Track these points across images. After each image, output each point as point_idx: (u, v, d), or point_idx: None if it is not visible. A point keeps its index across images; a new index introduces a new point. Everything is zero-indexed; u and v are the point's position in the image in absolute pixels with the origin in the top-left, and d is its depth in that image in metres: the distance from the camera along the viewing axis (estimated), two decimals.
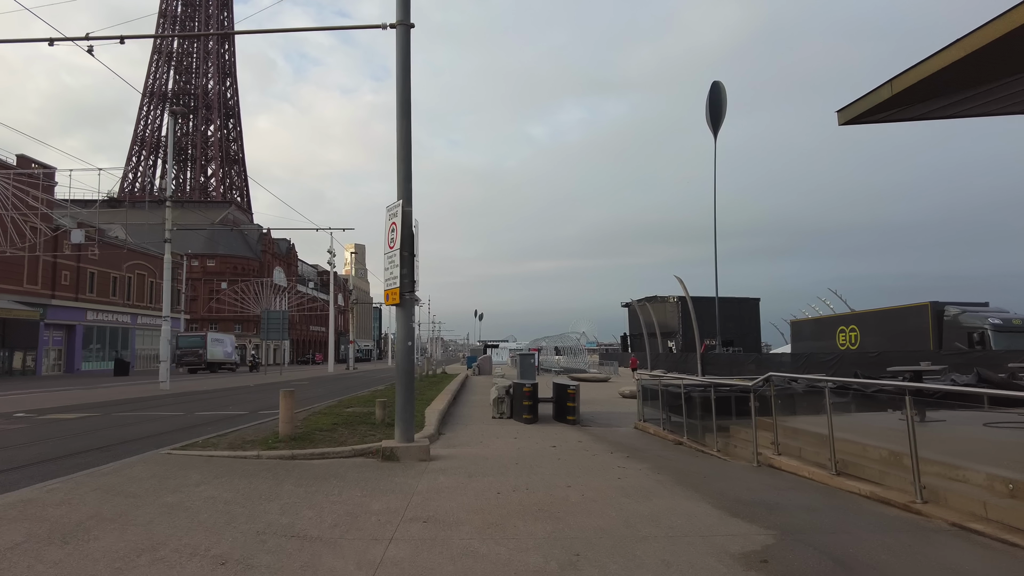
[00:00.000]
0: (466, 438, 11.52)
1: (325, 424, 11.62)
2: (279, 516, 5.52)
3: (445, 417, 14.83)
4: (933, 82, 7.83)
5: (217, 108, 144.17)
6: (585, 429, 13.58)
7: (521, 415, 14.56)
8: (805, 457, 8.40)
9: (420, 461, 8.60)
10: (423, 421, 12.42)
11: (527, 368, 20.52)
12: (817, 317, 42.78)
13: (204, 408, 17.47)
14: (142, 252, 64.75)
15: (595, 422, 15.25)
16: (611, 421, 15.56)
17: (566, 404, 14.58)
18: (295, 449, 8.91)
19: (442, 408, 14.89)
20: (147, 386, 28.15)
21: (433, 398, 17.60)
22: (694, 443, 10.96)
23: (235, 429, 11.39)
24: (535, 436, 11.91)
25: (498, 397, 15.50)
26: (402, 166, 9.32)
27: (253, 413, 15.44)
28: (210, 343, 52.65)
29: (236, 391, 26.08)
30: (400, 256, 9.02)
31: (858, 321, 33.68)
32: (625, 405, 20.02)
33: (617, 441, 11.53)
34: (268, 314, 44.48)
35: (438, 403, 16.02)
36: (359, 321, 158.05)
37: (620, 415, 16.96)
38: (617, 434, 12.86)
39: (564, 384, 15.01)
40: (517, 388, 15.11)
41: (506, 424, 14.02)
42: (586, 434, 12.54)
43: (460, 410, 17.10)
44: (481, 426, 13.57)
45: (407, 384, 9.07)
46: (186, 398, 21.53)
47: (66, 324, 52.86)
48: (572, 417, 14.41)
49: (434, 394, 19.11)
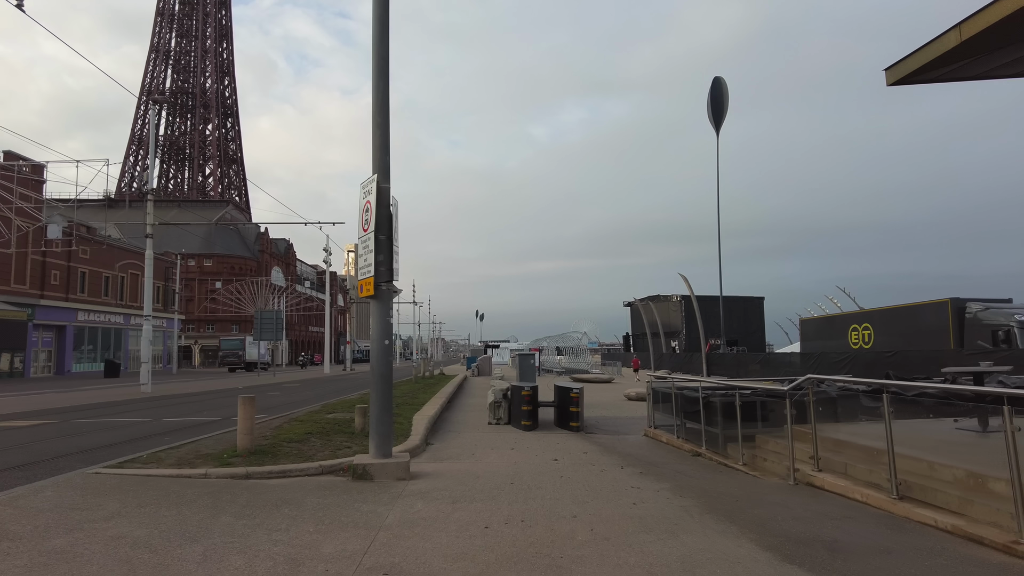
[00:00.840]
0: (457, 449, 10.20)
1: (297, 433, 10.31)
2: (196, 567, 4.20)
3: (436, 424, 13.52)
4: (1009, 26, 6.51)
5: (215, 107, 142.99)
6: (590, 437, 12.26)
7: (520, 421, 13.25)
8: (853, 475, 7.07)
9: (397, 481, 7.29)
10: (409, 429, 11.11)
11: (527, 369, 19.16)
12: (828, 315, 41.41)
13: (176, 413, 16.16)
14: (135, 251, 63.43)
15: (600, 429, 13.93)
16: (618, 428, 14.24)
17: (569, 409, 13.27)
18: (252, 466, 7.60)
19: (433, 414, 13.57)
20: (129, 389, 26.88)
21: (425, 402, 16.28)
22: (714, 455, 9.64)
23: (194, 440, 10.08)
24: (535, 446, 10.59)
25: (495, 401, 14.19)
26: (378, 133, 8.00)
27: (226, 419, 14.14)
28: (248, 345, 57.29)
29: (222, 393, 24.78)
30: (375, 240, 7.70)
31: (872, 319, 32.30)
32: (632, 409, 18.70)
33: (627, 452, 10.21)
34: (261, 314, 43.16)
35: (430, 408, 14.70)
36: (360, 322, 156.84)
37: (627, 420, 15.64)
38: (626, 444, 11.53)
39: (567, 387, 13.70)
40: (515, 392, 13.79)
41: (503, 432, 12.71)
42: (591, 443, 11.22)
43: (454, 415, 15.78)
44: (475, 434, 12.26)
45: (384, 390, 7.75)
46: (163, 402, 20.23)
47: (56, 325, 51.60)
48: (576, 424, 13.10)
49: (427, 397, 17.80)
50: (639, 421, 15.41)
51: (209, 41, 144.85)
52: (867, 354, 31.61)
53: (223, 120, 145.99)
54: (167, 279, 68.04)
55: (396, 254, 7.88)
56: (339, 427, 11.08)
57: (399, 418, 12.61)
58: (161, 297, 67.12)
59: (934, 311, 28.02)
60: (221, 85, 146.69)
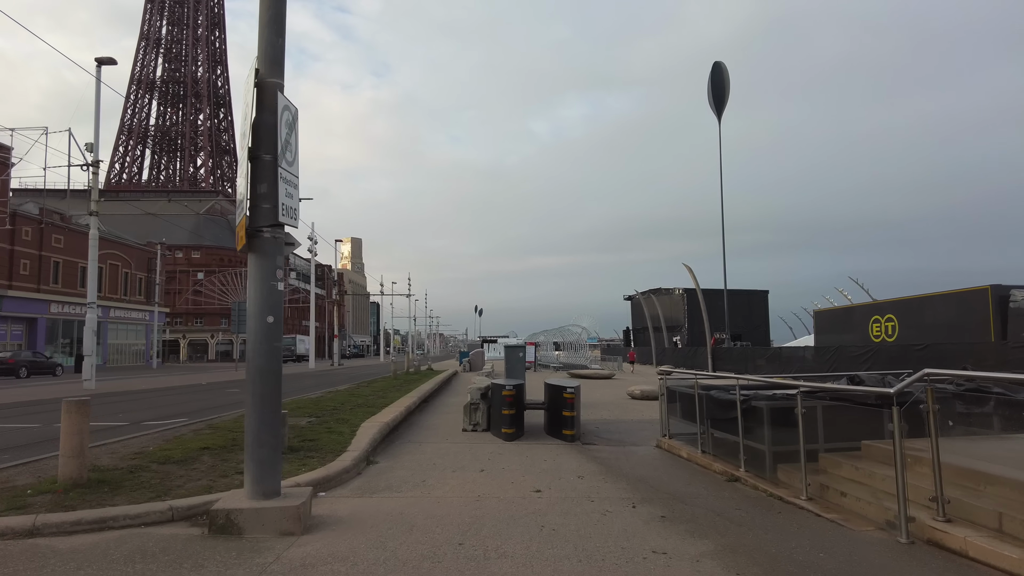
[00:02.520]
0: (406, 471, 7.48)
1: (190, 449, 7.58)
2: None
3: (397, 431, 10.79)
4: None
5: (207, 97, 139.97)
6: (588, 450, 9.53)
7: (499, 428, 10.53)
8: (1012, 531, 4.36)
9: (281, 537, 4.57)
10: (347, 443, 8.37)
11: (515, 364, 16.36)
12: (845, 306, 38.67)
13: None
14: (116, 241, 60.77)
15: (601, 437, 11.21)
16: (623, 435, 11.52)
17: (562, 413, 10.52)
18: (56, 510, 4.86)
19: (392, 419, 10.81)
20: (73, 386, 24.16)
21: (390, 403, 13.54)
22: (759, 480, 6.92)
23: (28, 461, 7.30)
24: (513, 466, 7.87)
25: (471, 403, 11.46)
26: (268, 5, 5.22)
27: (135, 424, 11.42)
28: (298, 342, 64.98)
29: (176, 391, 22.10)
30: (252, 162, 4.96)
31: (896, 309, 29.57)
32: (637, 410, 16.00)
33: (638, 476, 7.47)
34: (239, 305, 40.39)
35: (392, 411, 11.95)
36: (356, 316, 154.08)
37: (633, 426, 12.93)
38: (635, 460, 8.80)
39: (559, 385, 10.95)
40: (496, 391, 11.06)
41: (478, 442, 9.99)
42: (590, 460, 8.49)
43: (425, 419, 13.05)
44: (441, 446, 9.53)
45: (266, 393, 5.01)
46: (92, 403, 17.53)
47: (26, 317, 48.88)
48: (570, 431, 10.36)
49: (395, 397, 15.05)
50: (648, 427, 12.71)
51: (201, 29, 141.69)
52: (891, 348, 28.93)
53: (215, 110, 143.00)
54: (150, 270, 65.29)
55: (291, 185, 5.13)
56: None
57: (344, 426, 9.89)
58: (143, 289, 64.44)
59: (971, 300, 25.31)
60: (213, 74, 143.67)
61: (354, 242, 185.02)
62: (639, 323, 75.68)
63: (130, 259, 62.69)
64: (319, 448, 7.97)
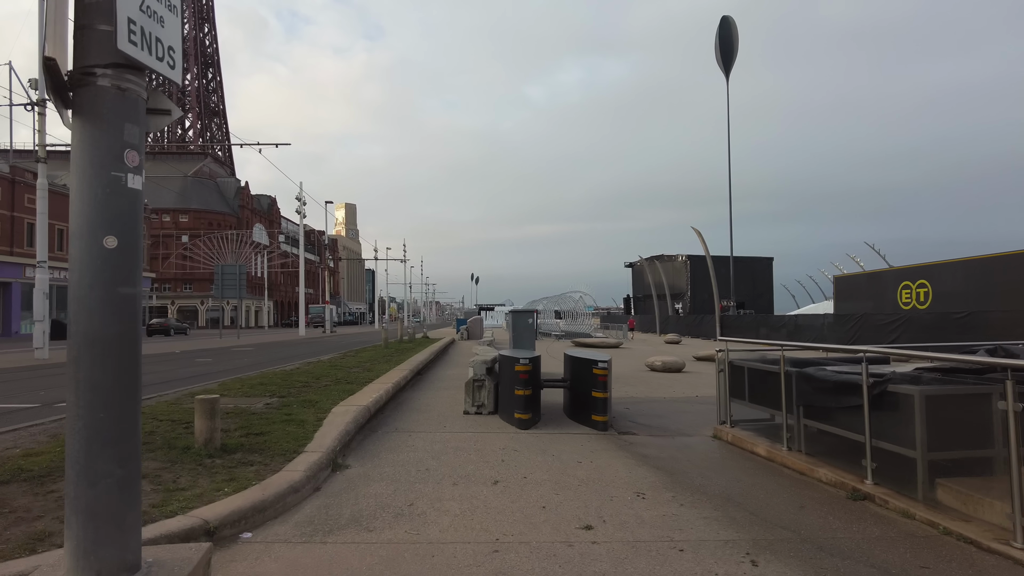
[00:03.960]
0: (387, 485, 5.19)
1: (46, 462, 5.24)
2: None
3: (381, 415, 8.52)
4: None
5: (194, 56, 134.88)
6: (629, 444, 7.27)
7: (512, 412, 8.27)
8: None
9: None
10: (306, 436, 6.08)
11: (523, 333, 13.90)
12: (870, 271, 36.38)
13: None
14: None
15: (637, 422, 8.96)
16: (662, 420, 9.26)
17: (590, 394, 8.24)
18: None
19: (374, 400, 8.49)
20: (27, 355, 21.86)
21: (375, 378, 11.24)
22: (908, 501, 4.67)
23: None
24: (538, 472, 5.61)
25: (475, 380, 9.18)
26: None
27: (47, 406, 9.11)
28: (327, 311, 67.40)
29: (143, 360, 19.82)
30: None
31: (930, 274, 27.29)
32: (664, 385, 13.80)
33: (722, 493, 5.20)
34: (222, 268, 37.96)
35: (375, 388, 9.64)
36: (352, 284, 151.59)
37: (669, 406, 10.70)
38: (699, 461, 6.53)
39: (586, 359, 8.63)
40: (506, 365, 8.77)
41: (484, 429, 7.73)
42: (640, 462, 6.23)
43: (417, 398, 10.79)
44: (438, 437, 7.27)
45: (106, 387, 2.64)
46: (30, 374, 15.23)
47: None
48: (601, 417, 8.10)
49: (383, 370, 12.75)
50: (687, 407, 10.52)
51: None
52: (924, 315, 26.68)
53: (203, 70, 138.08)
54: None
55: None
56: (167, 437, 6.02)
57: (309, 411, 7.58)
58: None
59: (1020, 263, 23.05)
60: (200, 32, 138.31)
61: (348, 208, 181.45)
62: (640, 291, 73.53)
63: None
64: (265, 447, 5.68)
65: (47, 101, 20.09)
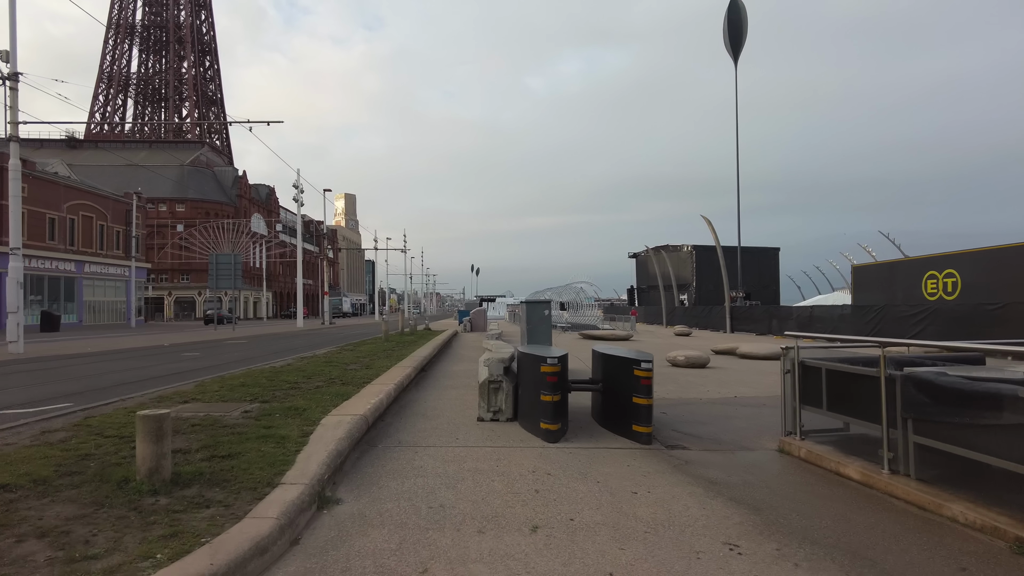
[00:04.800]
0: (390, 534, 3.86)
1: None
2: None
3: (382, 420, 7.20)
4: None
5: (191, 43, 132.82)
6: (687, 464, 5.95)
7: (536, 420, 6.95)
8: None
9: None
10: (284, 460, 4.75)
11: (538, 326, 12.36)
12: (892, 261, 34.99)
13: None
14: (88, 191, 56.43)
15: (680, 431, 7.65)
16: (709, 427, 7.94)
17: (630, 400, 6.90)
18: None
19: (372, 407, 7.15)
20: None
21: (375, 376, 9.90)
22: None
23: None
24: (586, 510, 4.29)
25: (491, 381, 7.85)
26: None
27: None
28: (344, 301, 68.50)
29: (128, 354, 18.51)
30: None
31: (959, 264, 25.91)
32: (696, 384, 12.49)
33: (839, 543, 3.86)
34: (216, 258, 36.58)
35: (374, 392, 8.30)
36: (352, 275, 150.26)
37: (709, 409, 9.40)
38: (781, 488, 5.20)
39: (623, 357, 7.29)
40: (527, 364, 7.44)
41: (505, 442, 6.42)
42: (711, 492, 4.91)
43: (422, 400, 9.47)
44: (450, 454, 5.95)
45: None
46: None
47: None
48: (644, 427, 6.78)
49: (384, 367, 11.42)
50: (723, 409, 9.28)
51: None
52: (952, 307, 25.30)
53: (200, 58, 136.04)
54: (127, 223, 60.92)
55: None
56: (105, 463, 4.69)
57: (294, 421, 6.25)
58: (121, 243, 60.26)
59: None
60: (197, 20, 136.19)
61: (348, 198, 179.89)
62: (644, 281, 72.12)
63: (105, 211, 58.37)
64: (231, 477, 4.35)
65: (19, 75, 18.66)
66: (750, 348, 20.24)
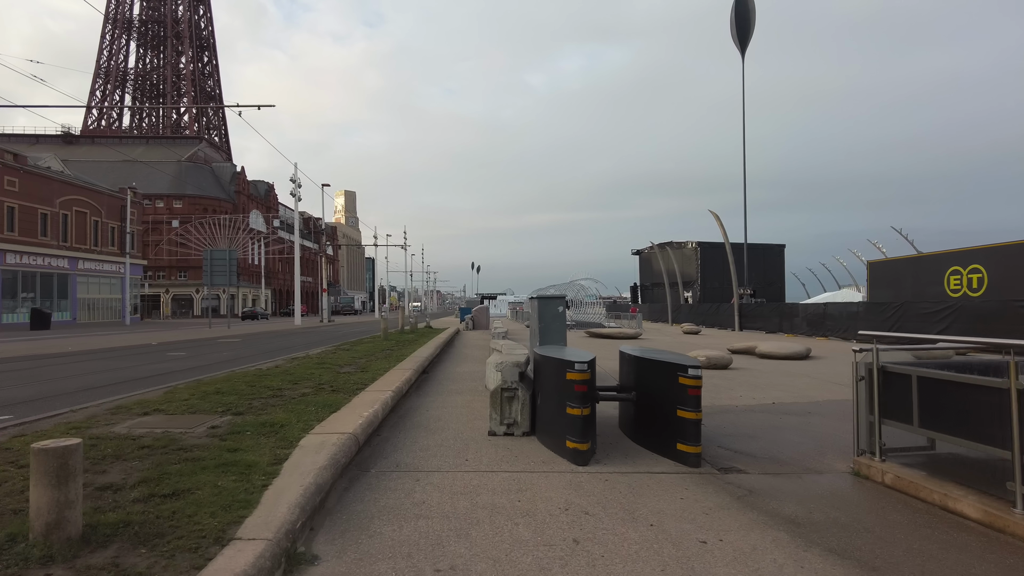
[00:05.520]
0: None
1: None
2: None
3: (376, 435, 6.06)
4: None
5: (189, 38, 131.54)
6: (749, 492, 4.81)
7: (560, 437, 5.81)
8: None
9: None
10: (247, 500, 3.62)
11: (551, 325, 11.08)
12: (912, 256, 33.83)
13: None
14: (82, 186, 55.26)
15: (725, 445, 6.50)
16: (756, 440, 6.79)
17: (673, 413, 5.76)
18: None
19: (365, 422, 6.00)
20: None
21: (372, 380, 8.74)
22: None
23: None
24: (652, 570, 3.17)
25: (504, 389, 6.71)
26: None
27: None
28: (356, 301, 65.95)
29: (111, 354, 17.40)
30: None
31: (985, 258, 24.80)
32: (719, 388, 11.39)
33: None
34: (211, 253, 35.43)
35: (370, 398, 7.14)
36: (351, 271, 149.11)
37: (745, 416, 8.26)
38: (877, 526, 4.06)
39: (663, 361, 6.16)
40: (548, 370, 6.31)
41: (525, 465, 5.29)
42: (794, 535, 3.78)
43: (424, 408, 8.33)
44: (460, 481, 4.82)
45: None
46: None
47: None
48: (692, 447, 5.64)
49: (381, 369, 10.27)
50: (766, 417, 8.14)
51: None
52: (978, 303, 24.16)
53: (198, 53, 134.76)
54: (123, 219, 59.72)
55: None
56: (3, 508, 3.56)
57: (266, 442, 5.10)
58: (116, 239, 59.07)
59: None
60: (196, 14, 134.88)
61: (348, 195, 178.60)
62: (647, 279, 70.98)
63: (100, 206, 57.20)
64: (169, 527, 3.21)
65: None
66: (770, 347, 19.07)
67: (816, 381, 12.03)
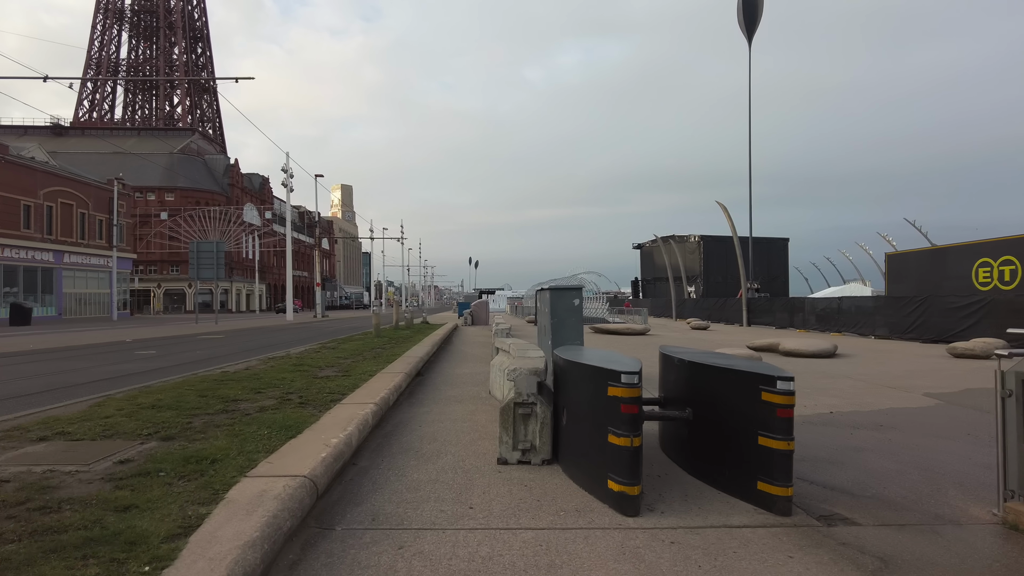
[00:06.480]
0: None
1: None
2: None
3: (353, 465, 4.52)
4: None
5: (182, 29, 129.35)
6: (879, 562, 3.29)
7: (598, 473, 4.27)
8: None
9: None
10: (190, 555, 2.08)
11: (565, 321, 9.41)
12: (935, 247, 32.31)
13: None
14: (67, 177, 53.46)
15: (805, 477, 4.96)
16: (838, 467, 5.24)
17: (752, 441, 4.22)
18: None
19: (331, 455, 4.46)
20: None
21: (352, 388, 7.18)
22: None
23: None
24: None
25: (519, 404, 5.15)
26: None
27: None
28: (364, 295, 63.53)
29: (72, 352, 15.84)
30: None
31: (1020, 249, 23.32)
32: None
33: None
34: (198, 246, 33.79)
35: (345, 414, 5.59)
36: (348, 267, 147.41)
37: (804, 430, 6.71)
38: None
39: (735, 370, 4.62)
40: (579, 381, 4.77)
41: (553, 521, 3.71)
42: None
43: (417, 418, 6.77)
44: (462, 547, 3.28)
45: None
46: None
47: None
48: (781, 488, 4.10)
49: (368, 372, 8.69)
50: (834, 433, 6.63)
51: None
52: (1012, 297, 22.61)
53: (192, 44, 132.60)
54: (110, 212, 57.94)
55: None
56: None
57: (186, 491, 3.56)
58: (104, 232, 57.31)
59: None
60: (189, 4, 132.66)
61: (344, 189, 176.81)
62: (649, 273, 69.48)
63: (87, 198, 55.41)
64: None
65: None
66: (794, 344, 17.51)
67: (862, 383, 10.51)
